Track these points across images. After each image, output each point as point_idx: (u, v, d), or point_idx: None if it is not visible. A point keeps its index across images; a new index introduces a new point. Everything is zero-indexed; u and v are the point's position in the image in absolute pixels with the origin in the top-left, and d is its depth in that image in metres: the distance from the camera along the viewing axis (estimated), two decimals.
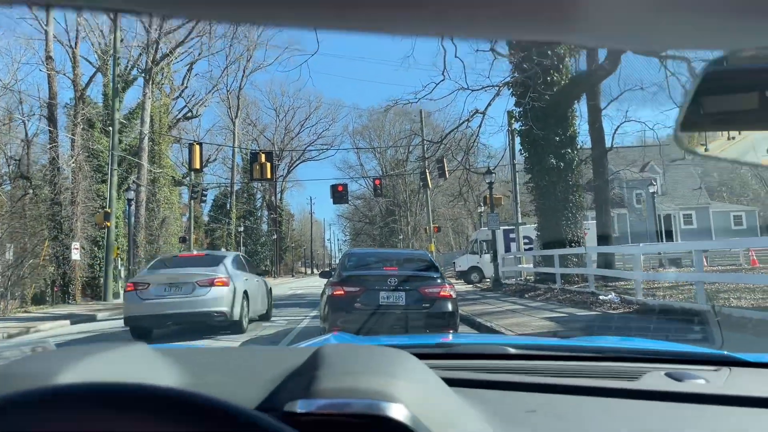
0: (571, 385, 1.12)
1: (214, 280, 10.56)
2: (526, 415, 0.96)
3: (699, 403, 1.04)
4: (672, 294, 12.86)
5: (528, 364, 1.36)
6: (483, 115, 19.01)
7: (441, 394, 0.83)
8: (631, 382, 1.16)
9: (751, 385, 1.17)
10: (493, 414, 0.91)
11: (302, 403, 0.69)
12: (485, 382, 1.12)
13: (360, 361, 0.83)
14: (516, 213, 23.70)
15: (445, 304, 8.09)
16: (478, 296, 17.85)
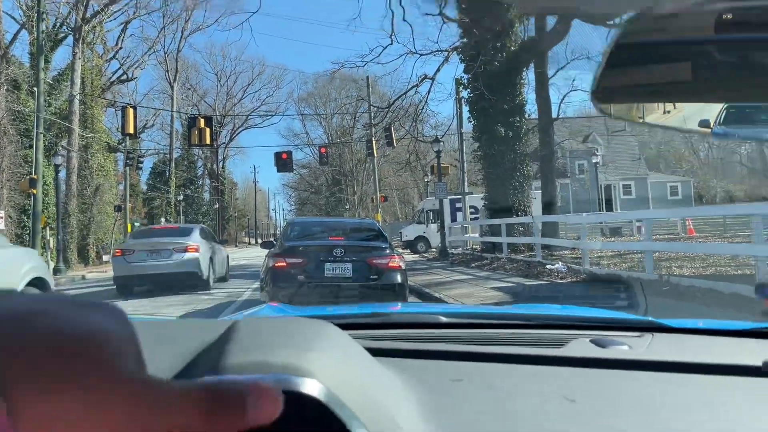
0: (499, 353, 1.12)
1: (187, 247, 13.26)
2: (451, 383, 0.95)
3: (622, 369, 1.06)
4: (617, 263, 12.99)
5: (459, 332, 1.36)
6: (432, 80, 18.63)
7: (362, 365, 0.81)
8: (557, 349, 1.17)
9: (672, 351, 1.19)
10: (418, 383, 0.90)
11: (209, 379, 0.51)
12: (414, 352, 1.11)
13: (276, 333, 0.80)
14: (463, 182, 23.59)
15: (394, 275, 7.78)
16: (425, 266, 17.71)
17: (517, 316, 1.61)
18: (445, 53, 18.22)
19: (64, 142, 29.01)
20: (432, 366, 1.04)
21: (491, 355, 1.11)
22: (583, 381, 1.00)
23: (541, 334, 1.34)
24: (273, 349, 0.71)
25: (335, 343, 0.81)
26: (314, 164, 58.17)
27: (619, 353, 1.15)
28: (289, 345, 0.74)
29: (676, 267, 11.23)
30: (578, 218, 14.67)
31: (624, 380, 1.02)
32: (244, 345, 0.74)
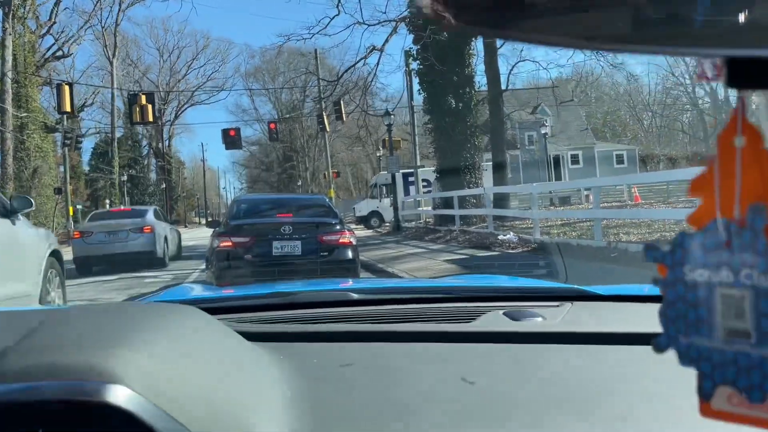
0: (403, 331, 1.07)
1: (143, 228, 14.16)
2: (340, 369, 0.87)
3: (532, 343, 1.01)
4: (566, 231, 13.16)
5: (368, 309, 1.28)
6: (380, 52, 18.36)
7: (214, 360, 0.69)
8: (468, 324, 1.12)
9: (587, 321, 1.15)
10: (299, 371, 0.81)
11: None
12: (311, 334, 1.06)
13: (89, 328, 0.67)
14: (415, 156, 23.51)
15: (345, 251, 7.64)
16: (378, 241, 17.63)
17: (433, 290, 1.55)
18: (393, 23, 17.97)
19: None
20: (323, 350, 0.97)
21: (395, 334, 1.05)
22: (489, 358, 0.94)
23: (454, 308, 1.28)
24: (68, 348, 0.58)
25: (177, 335, 0.69)
26: (264, 141, 57.13)
27: (530, 326, 1.10)
28: (94, 344, 0.60)
29: (623, 234, 11.44)
30: (528, 188, 14.78)
31: (531, 354, 0.96)
32: (33, 346, 0.59)
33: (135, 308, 0.82)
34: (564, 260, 3.42)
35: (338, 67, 31.84)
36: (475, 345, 1.00)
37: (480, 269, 8.60)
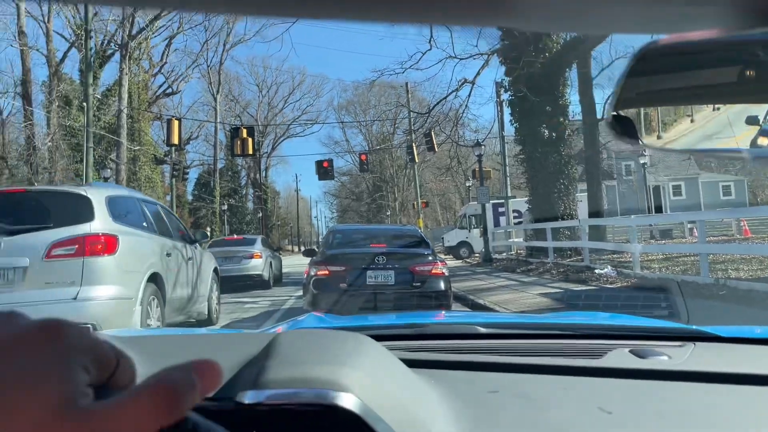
0: (536, 364, 1.12)
1: (253, 254, 16.08)
2: (488, 395, 0.95)
3: (661, 380, 1.04)
4: (668, 266, 12.52)
5: (497, 343, 1.35)
6: (472, 84, 18.42)
7: (398, 378, 0.82)
8: (596, 360, 1.16)
9: (713, 361, 1.17)
10: (455, 395, 0.90)
11: (252, 393, 0.70)
12: (451, 363, 1.12)
13: (314, 348, 0.83)
14: (505, 186, 23.25)
15: (437, 282, 7.64)
16: (468, 272, 17.47)
17: (556, 326, 1.60)
18: (485, 56, 18.01)
19: (113, 155, 29.87)
20: (468, 377, 1.05)
21: (529, 366, 1.11)
22: (621, 392, 0.99)
23: (579, 344, 1.33)
24: (311, 364, 0.74)
25: (372, 357, 0.83)
26: (355, 171, 58.39)
27: (658, 364, 1.14)
28: (327, 360, 0.76)
29: (732, 270, 10.75)
30: (627, 221, 14.22)
31: (663, 391, 1.00)
32: (283, 360, 0.77)
33: (327, 334, 0.96)
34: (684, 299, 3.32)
35: (429, 99, 32.25)
36: (605, 380, 1.04)
37: (579, 305, 8.35)
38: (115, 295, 5.97)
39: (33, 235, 5.91)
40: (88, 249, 5.91)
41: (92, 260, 5.88)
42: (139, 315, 6.23)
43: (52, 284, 5.78)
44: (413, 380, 0.86)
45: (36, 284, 5.77)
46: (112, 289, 5.95)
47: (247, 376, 0.77)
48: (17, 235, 5.89)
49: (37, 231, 5.94)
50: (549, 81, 17.01)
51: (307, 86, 77.14)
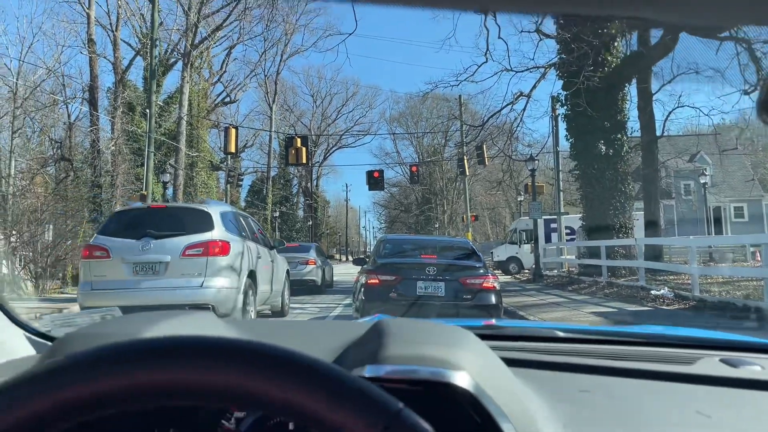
0: (622, 367, 1.09)
1: (308, 261, 17.24)
2: (580, 394, 0.95)
3: (756, 389, 1.02)
4: (729, 290, 12.02)
5: (577, 347, 1.32)
6: (527, 98, 18.23)
7: (500, 367, 0.84)
8: (686, 366, 1.13)
9: None
10: (547, 392, 0.91)
11: (371, 368, 0.72)
12: (537, 362, 1.11)
13: (421, 332, 0.85)
14: (558, 202, 22.83)
15: (489, 296, 7.55)
16: (518, 288, 17.21)
17: (639, 335, 1.56)
18: (542, 70, 17.81)
19: (172, 160, 30.80)
20: (556, 377, 1.05)
21: (616, 370, 1.09)
22: (716, 398, 0.98)
23: (666, 352, 1.30)
24: (424, 345, 0.76)
25: (476, 345, 0.85)
26: (405, 183, 58.46)
27: (751, 373, 1.11)
28: (438, 342, 0.78)
29: None
30: (686, 241, 13.75)
31: (756, 399, 0.99)
32: (399, 339, 0.79)
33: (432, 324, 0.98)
34: None
35: (481, 112, 32.06)
36: (698, 386, 1.03)
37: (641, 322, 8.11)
38: (227, 285, 7.99)
39: (173, 239, 7.98)
40: (211, 251, 7.93)
41: (213, 259, 7.92)
42: (241, 301, 8.22)
43: (186, 275, 7.87)
44: (510, 373, 0.87)
45: (175, 274, 7.85)
46: (225, 281, 7.98)
47: (358, 354, 0.80)
48: (162, 239, 7.98)
49: (175, 237, 8.00)
50: (607, 96, 16.68)
51: (361, 97, 78.02)
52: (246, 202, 50.50)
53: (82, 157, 28.35)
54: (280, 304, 10.79)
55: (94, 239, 8.33)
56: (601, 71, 16.36)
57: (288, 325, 1.24)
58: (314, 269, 17.33)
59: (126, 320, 0.89)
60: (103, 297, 7.65)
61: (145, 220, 8.30)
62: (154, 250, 7.90)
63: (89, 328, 0.85)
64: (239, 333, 0.92)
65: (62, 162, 27.79)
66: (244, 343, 0.54)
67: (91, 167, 26.66)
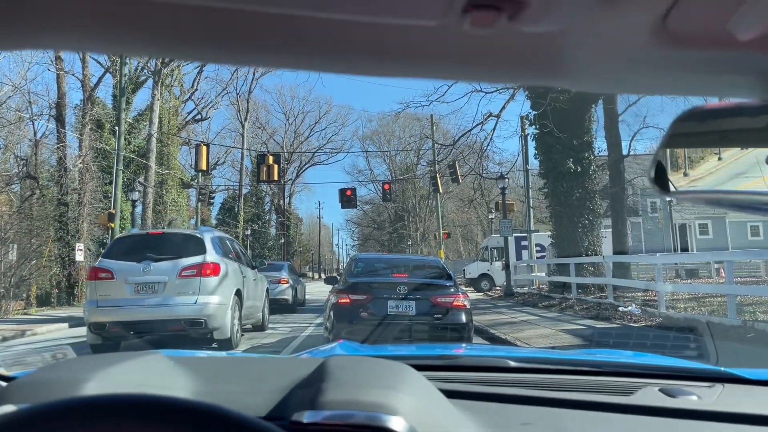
0: (567, 399, 1.13)
1: (280, 279, 17.38)
2: (521, 427, 0.97)
3: (691, 419, 1.06)
4: (694, 306, 12.28)
5: (527, 377, 1.37)
6: (497, 118, 18.49)
7: (439, 406, 0.85)
8: (626, 397, 1.17)
9: (742, 403, 1.18)
10: (490, 426, 0.92)
11: (309, 414, 0.74)
12: (484, 395, 1.14)
13: (363, 373, 0.86)
14: (529, 220, 23.12)
15: (459, 314, 7.58)
16: (489, 305, 17.32)
17: (586, 363, 1.62)
18: (511, 91, 18.10)
19: (142, 178, 30.40)
20: (502, 409, 1.07)
21: (559, 401, 1.12)
22: (652, 430, 1.02)
23: (609, 381, 1.34)
24: (363, 388, 0.79)
25: (416, 385, 0.86)
26: (377, 200, 58.60)
27: (688, 403, 1.15)
28: (378, 385, 0.80)
29: (761, 312, 10.51)
30: (652, 258, 14.04)
31: (692, 430, 1.03)
32: (338, 383, 0.81)
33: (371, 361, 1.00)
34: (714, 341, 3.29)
35: (453, 131, 32.42)
36: (636, 417, 1.05)
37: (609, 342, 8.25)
38: (218, 302, 9.03)
39: (170, 262, 9.04)
40: (204, 272, 8.99)
41: (206, 279, 8.99)
42: (230, 316, 9.20)
43: (182, 293, 8.89)
44: (452, 409, 0.88)
45: (172, 293, 8.87)
46: (216, 298, 9.03)
47: (302, 397, 0.81)
48: (160, 262, 9.00)
49: (172, 259, 9.07)
50: (575, 116, 17.02)
51: (333, 116, 78.12)
52: (217, 220, 50.00)
53: (49, 174, 27.83)
54: (261, 320, 11.80)
55: (99, 262, 9.44)
56: (568, 92, 16.70)
57: (238, 363, 1.20)
58: (286, 288, 17.41)
59: (75, 364, 0.91)
60: (108, 313, 8.81)
61: (144, 244, 9.41)
62: (153, 272, 8.94)
63: (41, 373, 0.86)
64: (186, 375, 0.92)
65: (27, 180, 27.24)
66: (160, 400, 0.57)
67: (58, 185, 26.17)
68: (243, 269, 10.49)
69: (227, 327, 9.12)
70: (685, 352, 3.49)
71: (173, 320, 8.79)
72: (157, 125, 31.41)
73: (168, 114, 34.44)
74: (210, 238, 9.61)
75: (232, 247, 10.90)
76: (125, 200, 25.59)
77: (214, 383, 0.91)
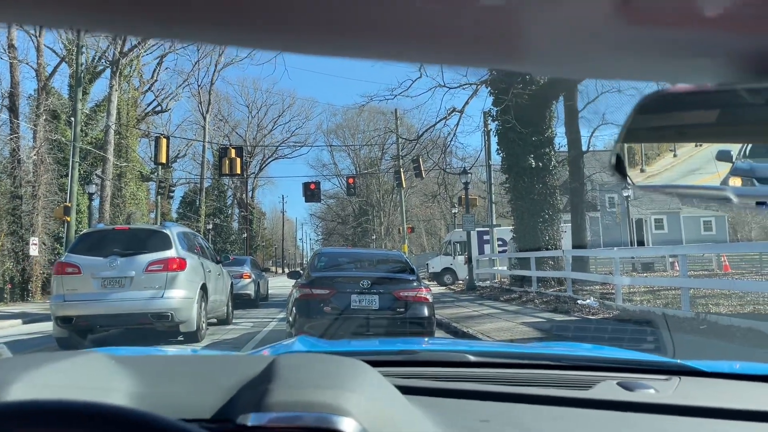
0: (526, 394, 1.13)
1: (243, 274, 17.33)
2: (480, 424, 0.97)
3: (648, 413, 1.06)
4: (650, 299, 12.63)
5: (486, 372, 1.36)
6: (460, 113, 18.65)
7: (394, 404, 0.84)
8: (584, 391, 1.18)
9: (698, 395, 1.19)
10: (448, 423, 0.92)
11: (254, 416, 0.71)
12: (443, 390, 1.13)
13: (314, 373, 0.84)
14: (491, 214, 23.39)
15: (421, 308, 7.63)
16: (452, 299, 17.48)
17: (545, 357, 1.64)
18: (474, 86, 18.27)
19: (99, 170, 29.67)
20: (460, 405, 1.06)
21: (519, 396, 1.12)
22: (609, 424, 1.02)
23: (568, 375, 1.36)
24: (312, 389, 0.76)
25: (369, 383, 0.85)
26: (342, 195, 58.52)
27: (645, 397, 1.16)
28: (327, 384, 0.78)
29: (712, 305, 10.88)
30: (610, 252, 14.38)
31: (650, 424, 1.03)
32: (285, 383, 0.78)
33: (325, 358, 0.98)
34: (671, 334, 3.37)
35: (417, 126, 32.54)
36: (594, 411, 1.06)
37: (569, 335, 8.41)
38: (184, 296, 9.26)
39: (137, 257, 9.20)
40: (170, 267, 9.20)
41: (172, 274, 9.19)
42: (196, 310, 9.43)
43: (148, 288, 9.07)
44: (408, 407, 0.87)
45: (139, 287, 9.04)
46: (182, 292, 9.25)
47: (248, 398, 0.78)
48: (127, 257, 9.17)
49: (138, 255, 9.23)
50: (536, 112, 17.27)
51: (297, 109, 77.68)
52: (178, 214, 49.16)
53: (1, 166, 26.93)
54: (226, 314, 12.03)
55: (66, 257, 9.57)
56: (529, 89, 16.94)
57: (185, 362, 1.18)
58: (249, 283, 17.37)
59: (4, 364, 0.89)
60: (75, 307, 8.94)
61: (111, 240, 9.54)
62: (120, 267, 9.11)
63: None
64: (126, 375, 0.89)
65: None
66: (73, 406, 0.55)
67: (11, 177, 25.35)
68: (208, 264, 10.72)
69: (193, 320, 9.33)
70: (643, 345, 3.58)
71: (140, 314, 8.94)
72: (115, 116, 30.68)
73: (126, 105, 33.65)
74: (176, 234, 9.83)
75: (196, 242, 11.14)
76: (82, 193, 24.95)
77: (157, 384, 0.88)
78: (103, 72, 32.17)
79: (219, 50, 44.62)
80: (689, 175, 0.96)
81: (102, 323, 9.24)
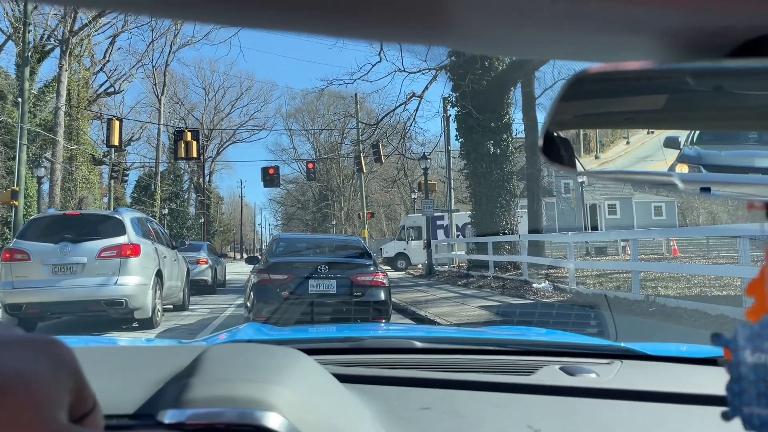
0: (469, 380, 1.13)
1: (199, 260, 17.09)
2: (420, 411, 0.96)
3: (589, 397, 1.07)
4: (602, 282, 12.97)
5: (431, 358, 1.36)
6: (420, 98, 18.68)
7: (328, 395, 0.82)
8: (526, 376, 1.18)
9: (638, 379, 1.20)
10: (387, 412, 0.91)
11: (172, 413, 0.67)
12: (385, 378, 1.13)
13: (240, 365, 0.82)
14: (450, 199, 23.60)
15: (378, 292, 7.70)
16: (411, 283, 17.62)
17: (491, 341, 1.64)
18: (434, 72, 18.32)
19: (49, 153, 28.71)
20: (402, 393, 1.05)
21: (462, 383, 1.12)
22: (550, 409, 1.02)
23: (512, 360, 1.36)
24: (236, 382, 0.73)
25: (301, 374, 0.83)
26: (301, 179, 58.14)
27: (586, 381, 1.17)
28: (253, 377, 0.75)
29: (661, 287, 11.22)
30: (564, 237, 14.70)
31: (590, 408, 1.04)
32: (208, 377, 0.75)
33: (257, 349, 0.96)
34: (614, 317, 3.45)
35: (377, 111, 32.47)
36: (535, 397, 1.07)
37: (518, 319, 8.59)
38: (138, 282, 9.14)
39: (89, 243, 9.06)
40: (123, 253, 9.08)
41: (126, 260, 9.08)
42: (150, 296, 9.32)
43: (101, 274, 8.96)
44: (344, 397, 0.85)
45: (91, 274, 8.92)
46: (137, 279, 9.14)
47: (170, 393, 0.73)
48: (79, 243, 9.01)
49: (90, 241, 9.09)
50: (494, 98, 17.43)
51: (255, 92, 76.43)
52: (132, 199, 48.03)
53: None
54: (182, 300, 11.95)
55: (14, 243, 9.39)
56: (488, 75, 17.07)
57: (111, 354, 1.13)
58: (206, 269, 17.17)
59: None
60: (24, 295, 8.79)
61: (62, 225, 9.34)
62: (71, 253, 8.94)
63: None
64: None
65: None
66: None
67: None
68: (163, 250, 10.60)
69: (148, 307, 9.21)
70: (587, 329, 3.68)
71: (93, 301, 8.79)
72: (66, 98, 29.66)
73: (77, 86, 32.55)
74: (129, 219, 9.71)
75: (151, 227, 11.04)
76: (30, 177, 24.12)
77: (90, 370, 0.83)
78: (52, 51, 31.04)
79: (174, 30, 43.53)
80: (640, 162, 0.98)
81: (53, 310, 9.04)
